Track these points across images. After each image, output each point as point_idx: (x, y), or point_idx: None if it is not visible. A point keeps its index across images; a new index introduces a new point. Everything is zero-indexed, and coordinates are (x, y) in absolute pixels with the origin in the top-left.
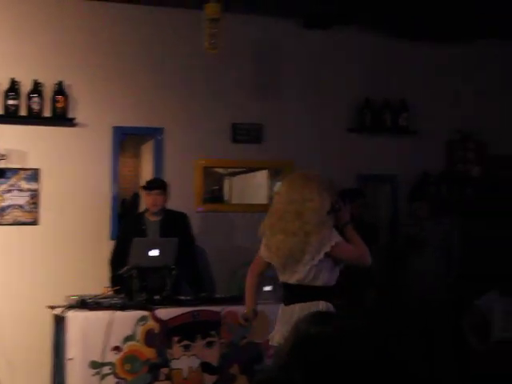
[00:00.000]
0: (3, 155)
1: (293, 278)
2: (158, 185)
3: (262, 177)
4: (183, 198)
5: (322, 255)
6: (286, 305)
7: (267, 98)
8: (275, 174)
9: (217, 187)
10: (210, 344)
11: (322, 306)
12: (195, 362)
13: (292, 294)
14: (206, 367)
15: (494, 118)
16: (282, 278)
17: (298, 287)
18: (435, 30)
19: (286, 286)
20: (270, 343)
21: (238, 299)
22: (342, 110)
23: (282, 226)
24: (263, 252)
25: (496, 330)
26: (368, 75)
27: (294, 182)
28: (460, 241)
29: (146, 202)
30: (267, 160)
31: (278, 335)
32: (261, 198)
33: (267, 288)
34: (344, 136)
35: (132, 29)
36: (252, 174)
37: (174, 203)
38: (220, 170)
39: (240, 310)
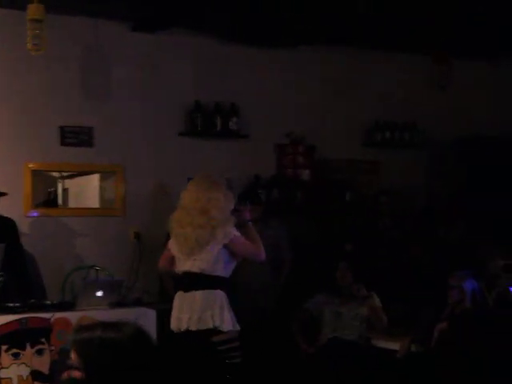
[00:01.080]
0: None
1: (195, 267)
2: (2, 192)
3: (93, 180)
4: (12, 202)
5: (221, 245)
6: (185, 291)
7: (97, 102)
8: (107, 177)
9: (53, 189)
10: (39, 352)
11: (219, 294)
12: (25, 371)
13: (193, 281)
14: (36, 376)
15: (323, 121)
16: (184, 267)
17: (199, 276)
18: (265, 34)
19: (188, 275)
20: (173, 330)
21: (69, 305)
22: (174, 114)
23: (189, 220)
24: (171, 245)
25: (325, 331)
26: (199, 79)
27: (201, 182)
28: (289, 244)
29: None
30: (98, 164)
31: (177, 321)
32: (93, 201)
33: (99, 293)
34: (175, 140)
35: None
36: (84, 177)
37: (3, 208)
38: (54, 174)
39: (71, 315)
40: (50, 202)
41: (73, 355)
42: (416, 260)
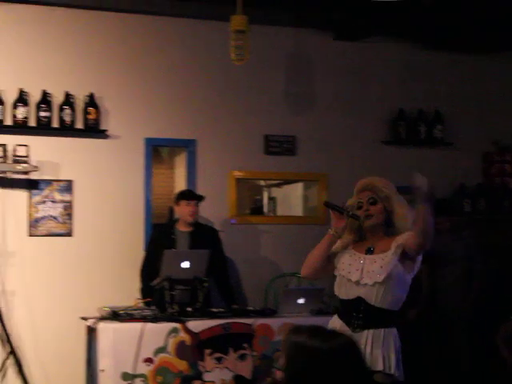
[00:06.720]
0: (35, 167)
1: None
2: (198, 195)
3: (297, 189)
4: (218, 210)
5: None
6: None
7: (300, 110)
8: (310, 186)
9: (259, 197)
10: (242, 357)
11: None
12: (228, 375)
13: None
14: (238, 380)
15: None
16: None
17: None
18: (470, 40)
19: None
20: None
21: (271, 312)
22: (376, 122)
23: None
24: None
25: None
26: (402, 86)
27: None
28: (484, 255)
29: (183, 211)
30: (301, 172)
31: None
32: (297, 209)
33: (300, 301)
34: (378, 148)
35: (165, 41)
36: (289, 185)
37: (208, 215)
38: (261, 182)
39: (273, 322)
40: (256, 209)
41: (281, 355)
42: None
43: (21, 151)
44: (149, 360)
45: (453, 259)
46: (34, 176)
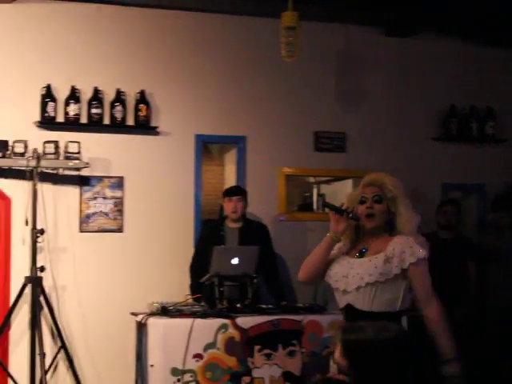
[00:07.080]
0: (87, 163)
1: None
2: (238, 191)
3: (346, 186)
4: (267, 206)
5: None
6: None
7: (350, 107)
8: (360, 183)
9: (308, 194)
10: (291, 353)
11: None
12: (277, 371)
13: None
14: (288, 377)
15: None
16: None
17: None
18: None
19: None
20: None
21: (320, 309)
22: (427, 119)
23: None
24: None
25: None
26: (453, 83)
27: None
28: None
29: (226, 208)
30: (350, 169)
31: None
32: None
33: None
34: (429, 145)
35: (214, 38)
36: (338, 182)
37: (257, 211)
38: (310, 179)
39: (322, 319)
40: (305, 206)
41: (338, 354)
42: None
43: (72, 148)
44: (198, 356)
45: (504, 256)
46: (85, 172)
